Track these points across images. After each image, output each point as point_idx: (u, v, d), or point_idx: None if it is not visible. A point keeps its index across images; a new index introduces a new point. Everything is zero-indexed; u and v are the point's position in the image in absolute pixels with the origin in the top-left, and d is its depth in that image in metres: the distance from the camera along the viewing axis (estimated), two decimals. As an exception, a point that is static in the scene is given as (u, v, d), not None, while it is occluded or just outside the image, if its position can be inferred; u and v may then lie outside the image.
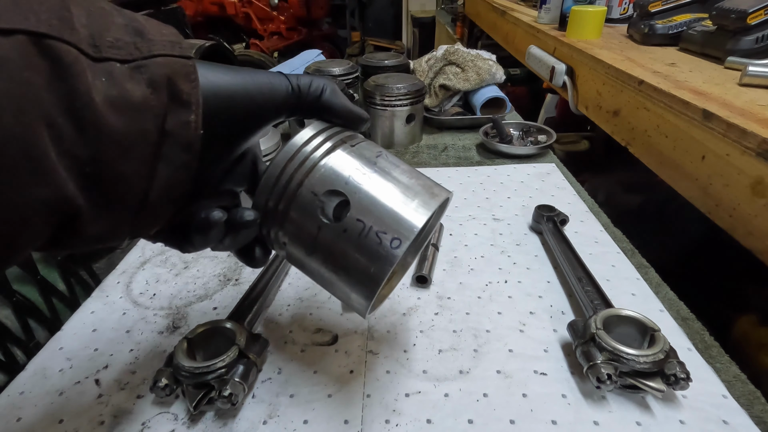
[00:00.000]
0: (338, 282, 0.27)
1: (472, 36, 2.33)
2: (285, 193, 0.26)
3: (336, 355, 0.40)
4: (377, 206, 0.25)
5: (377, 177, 0.26)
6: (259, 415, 0.35)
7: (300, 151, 0.26)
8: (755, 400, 0.36)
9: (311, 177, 0.25)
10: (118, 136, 0.18)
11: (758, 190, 0.49)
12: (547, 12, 1.21)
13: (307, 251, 0.26)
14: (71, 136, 0.17)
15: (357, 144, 0.27)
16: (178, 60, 0.20)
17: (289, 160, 0.26)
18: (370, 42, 4.14)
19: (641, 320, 0.36)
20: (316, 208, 0.25)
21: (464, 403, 0.36)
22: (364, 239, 0.25)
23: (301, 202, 0.25)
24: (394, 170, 0.27)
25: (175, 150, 0.21)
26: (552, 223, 0.54)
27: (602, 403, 0.35)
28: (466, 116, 0.90)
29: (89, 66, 0.17)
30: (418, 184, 0.27)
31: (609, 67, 0.80)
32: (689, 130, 0.59)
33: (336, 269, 0.26)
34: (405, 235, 0.24)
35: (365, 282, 0.25)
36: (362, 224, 0.25)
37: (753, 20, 0.69)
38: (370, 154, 0.27)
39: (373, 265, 0.25)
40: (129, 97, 0.18)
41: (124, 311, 0.46)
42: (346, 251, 0.25)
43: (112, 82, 0.18)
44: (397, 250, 0.24)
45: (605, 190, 1.08)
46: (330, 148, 0.26)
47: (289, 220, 0.26)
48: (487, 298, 0.47)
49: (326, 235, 0.25)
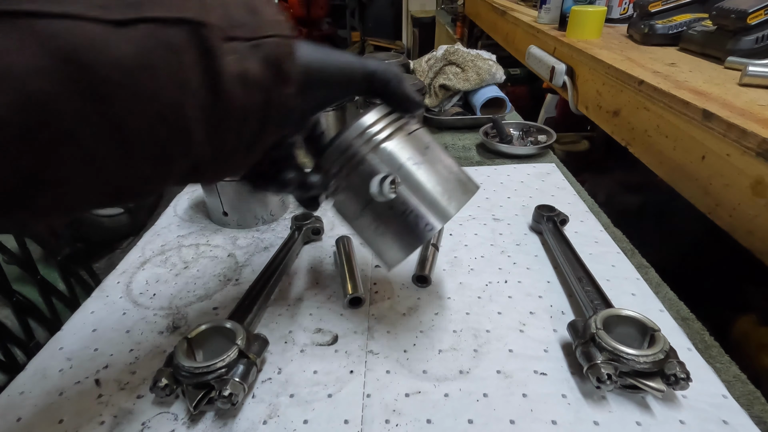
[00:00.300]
0: (376, 241, 0.33)
1: (472, 36, 2.33)
2: (349, 163, 0.31)
3: (336, 355, 0.40)
4: (420, 195, 0.31)
5: (424, 169, 0.31)
6: (259, 415, 0.35)
7: (365, 132, 0.31)
8: (755, 400, 0.36)
9: (372, 157, 0.31)
10: (241, 105, 0.22)
11: (758, 190, 0.49)
12: (547, 12, 1.21)
13: (355, 213, 0.33)
14: (209, 106, 0.20)
15: (413, 132, 0.32)
16: (284, 40, 0.23)
17: (357, 137, 0.31)
18: (370, 42, 4.14)
19: (641, 320, 0.36)
20: (372, 183, 0.31)
21: (464, 403, 0.36)
22: (405, 218, 0.31)
23: (362, 173, 0.31)
24: (438, 164, 0.32)
25: (276, 115, 0.24)
26: (552, 223, 0.54)
27: (602, 403, 0.35)
28: (466, 116, 0.90)
29: (223, 45, 0.20)
30: (456, 179, 0.32)
31: (609, 67, 0.80)
32: (689, 130, 0.59)
33: (376, 232, 0.33)
34: (436, 224, 0.31)
35: (398, 248, 0.32)
36: (405, 206, 0.31)
37: (753, 20, 0.69)
38: (421, 145, 0.32)
39: (408, 238, 0.31)
40: (249, 73, 0.21)
41: (124, 311, 0.46)
42: (389, 222, 0.32)
43: (238, 60, 0.21)
44: (429, 232, 0.31)
45: (605, 190, 1.08)
46: (390, 134, 0.31)
47: (348, 186, 0.32)
48: (487, 298, 0.47)
49: (375, 207, 0.31)
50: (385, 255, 0.34)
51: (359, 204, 0.32)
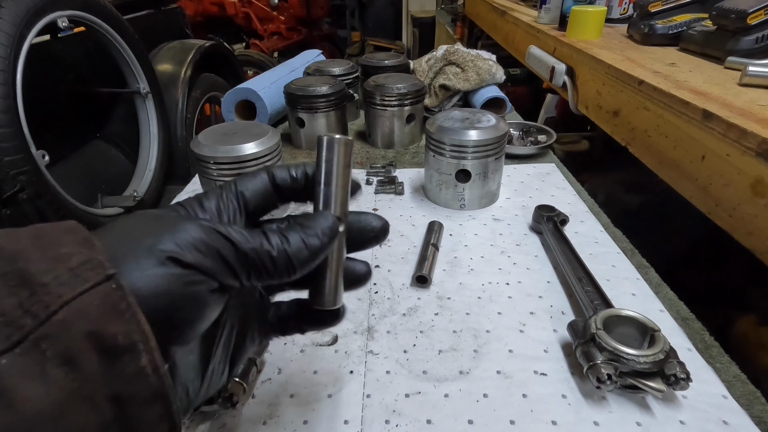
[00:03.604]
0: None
1: (472, 36, 2.33)
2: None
3: (336, 355, 0.40)
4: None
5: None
6: (259, 416, 0.35)
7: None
8: (755, 400, 0.36)
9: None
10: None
11: (758, 190, 0.49)
12: (547, 12, 1.21)
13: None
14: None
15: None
16: (89, 295, 0.15)
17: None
18: (370, 42, 4.14)
19: (641, 320, 0.36)
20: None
21: (464, 404, 0.36)
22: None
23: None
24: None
25: (137, 413, 0.16)
26: (552, 223, 0.54)
27: (602, 403, 0.35)
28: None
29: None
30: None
31: (609, 67, 0.80)
32: (689, 130, 0.59)
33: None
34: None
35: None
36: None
37: (753, 20, 0.69)
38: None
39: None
40: (29, 412, 0.13)
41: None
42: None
43: (3, 403, 0.13)
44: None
45: (605, 190, 1.08)
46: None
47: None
48: (487, 298, 0.47)
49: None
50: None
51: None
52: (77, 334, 0.14)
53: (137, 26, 1.53)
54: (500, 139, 0.58)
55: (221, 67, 2.06)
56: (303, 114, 0.80)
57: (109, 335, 0.15)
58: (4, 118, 1.02)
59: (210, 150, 0.56)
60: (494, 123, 0.59)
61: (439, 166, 0.61)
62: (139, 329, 0.15)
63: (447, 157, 0.59)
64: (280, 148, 0.62)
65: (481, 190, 0.61)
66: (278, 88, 0.89)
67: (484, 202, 0.63)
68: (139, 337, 0.15)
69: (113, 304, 0.15)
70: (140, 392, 0.16)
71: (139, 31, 1.53)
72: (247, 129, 0.60)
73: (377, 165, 0.75)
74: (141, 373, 0.15)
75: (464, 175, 0.60)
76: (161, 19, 1.94)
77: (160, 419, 0.16)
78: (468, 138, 0.57)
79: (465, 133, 0.57)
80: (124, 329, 0.15)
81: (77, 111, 1.57)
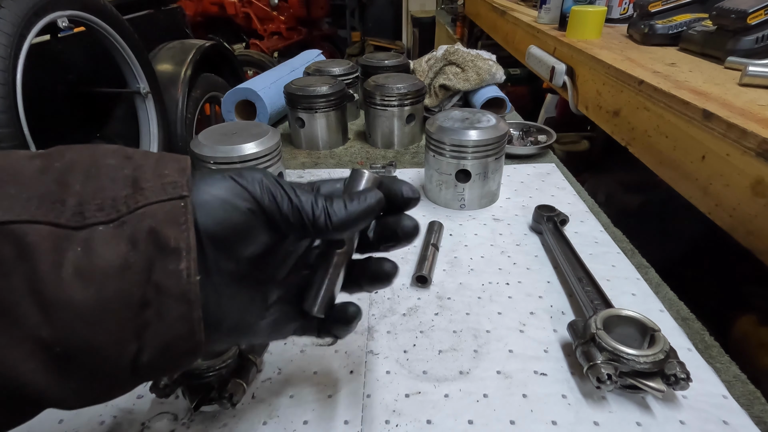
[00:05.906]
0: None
1: (472, 36, 2.33)
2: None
3: (336, 355, 0.40)
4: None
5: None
6: (259, 415, 0.35)
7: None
8: (755, 401, 0.36)
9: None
10: (86, 309, 0.17)
11: (758, 190, 0.49)
12: (547, 12, 1.21)
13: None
14: (34, 319, 0.17)
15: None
16: (164, 204, 0.19)
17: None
18: (370, 42, 4.14)
19: (641, 320, 0.36)
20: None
21: (464, 404, 0.36)
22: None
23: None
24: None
25: (166, 304, 0.19)
26: (552, 223, 0.54)
27: (602, 403, 0.35)
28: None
29: (65, 238, 0.17)
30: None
31: (609, 67, 0.80)
32: (689, 130, 0.59)
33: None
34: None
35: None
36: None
37: (753, 20, 0.69)
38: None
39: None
40: (100, 263, 0.18)
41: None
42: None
43: (86, 251, 0.17)
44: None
45: (605, 190, 1.08)
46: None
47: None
48: (487, 298, 0.47)
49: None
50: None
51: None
52: (144, 226, 0.19)
53: (137, 26, 1.53)
54: (500, 139, 0.58)
55: (221, 67, 2.06)
56: (303, 114, 0.80)
57: (164, 235, 0.19)
58: (4, 118, 1.02)
59: (210, 150, 0.56)
60: (494, 123, 0.59)
61: (439, 166, 0.61)
62: (187, 239, 0.19)
63: (447, 157, 0.59)
64: (280, 148, 0.62)
65: (481, 190, 0.61)
66: (278, 88, 0.89)
67: (484, 202, 0.63)
68: (185, 245, 0.19)
69: (176, 215, 0.19)
70: (172, 288, 0.19)
71: (139, 31, 1.53)
72: (247, 129, 0.60)
73: (377, 165, 0.75)
74: (177, 273, 0.19)
75: (464, 175, 0.60)
76: (161, 19, 1.93)
77: (181, 318, 0.19)
78: (468, 138, 0.57)
79: (465, 133, 0.57)
80: (177, 235, 0.19)
81: (77, 111, 1.57)
